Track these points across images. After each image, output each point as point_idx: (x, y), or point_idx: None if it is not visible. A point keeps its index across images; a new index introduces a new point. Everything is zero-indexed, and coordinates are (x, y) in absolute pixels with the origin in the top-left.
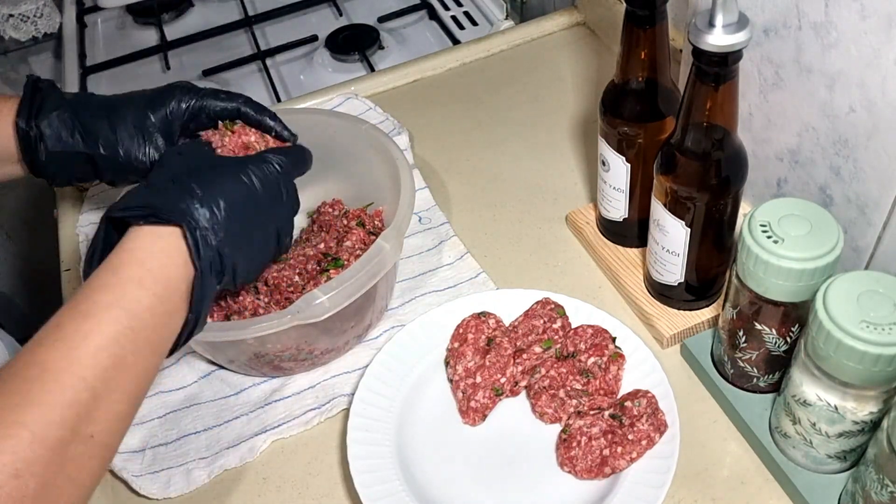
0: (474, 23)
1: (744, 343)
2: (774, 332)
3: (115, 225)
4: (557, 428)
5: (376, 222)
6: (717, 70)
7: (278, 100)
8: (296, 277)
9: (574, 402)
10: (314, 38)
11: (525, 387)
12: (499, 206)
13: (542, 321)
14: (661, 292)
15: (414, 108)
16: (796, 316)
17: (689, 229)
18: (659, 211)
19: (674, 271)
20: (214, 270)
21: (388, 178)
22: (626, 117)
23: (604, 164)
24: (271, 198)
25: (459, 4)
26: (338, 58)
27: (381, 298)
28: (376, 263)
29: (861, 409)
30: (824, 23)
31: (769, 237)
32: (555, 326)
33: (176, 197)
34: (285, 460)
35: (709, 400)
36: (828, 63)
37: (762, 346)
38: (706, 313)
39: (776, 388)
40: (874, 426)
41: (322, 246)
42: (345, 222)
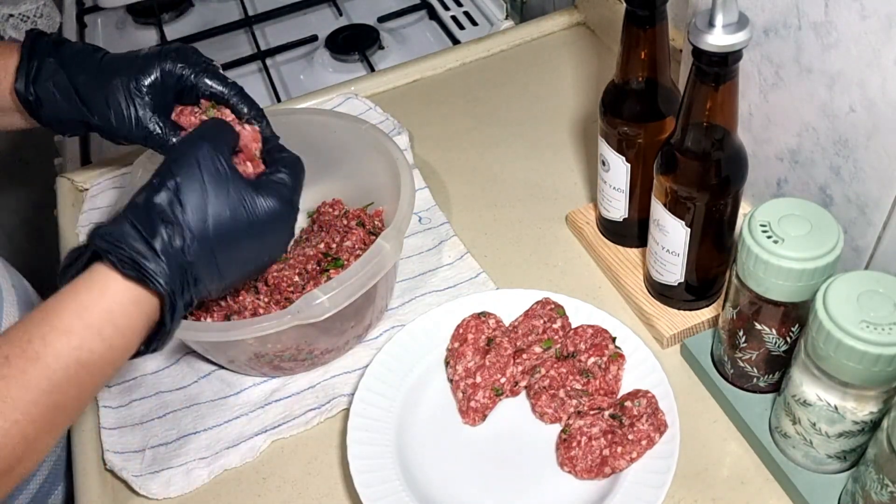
0: (474, 23)
1: (744, 343)
2: (774, 332)
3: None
4: (557, 428)
5: (376, 222)
6: (717, 70)
7: (278, 100)
8: (296, 277)
9: (574, 402)
10: (314, 38)
11: (525, 387)
12: (499, 206)
13: (542, 321)
14: (661, 292)
15: (414, 108)
16: (796, 316)
17: (689, 229)
18: (659, 211)
19: (674, 271)
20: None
21: (388, 178)
22: (626, 117)
23: (604, 164)
24: (276, 241)
25: (459, 4)
26: (338, 58)
27: (381, 298)
28: (376, 263)
29: (861, 409)
30: (824, 23)
31: (769, 237)
32: (555, 326)
33: (175, 272)
34: (285, 460)
35: (709, 400)
36: (828, 63)
37: (762, 346)
38: (706, 313)
39: (776, 388)
40: (874, 426)
41: (322, 246)
42: (345, 222)
